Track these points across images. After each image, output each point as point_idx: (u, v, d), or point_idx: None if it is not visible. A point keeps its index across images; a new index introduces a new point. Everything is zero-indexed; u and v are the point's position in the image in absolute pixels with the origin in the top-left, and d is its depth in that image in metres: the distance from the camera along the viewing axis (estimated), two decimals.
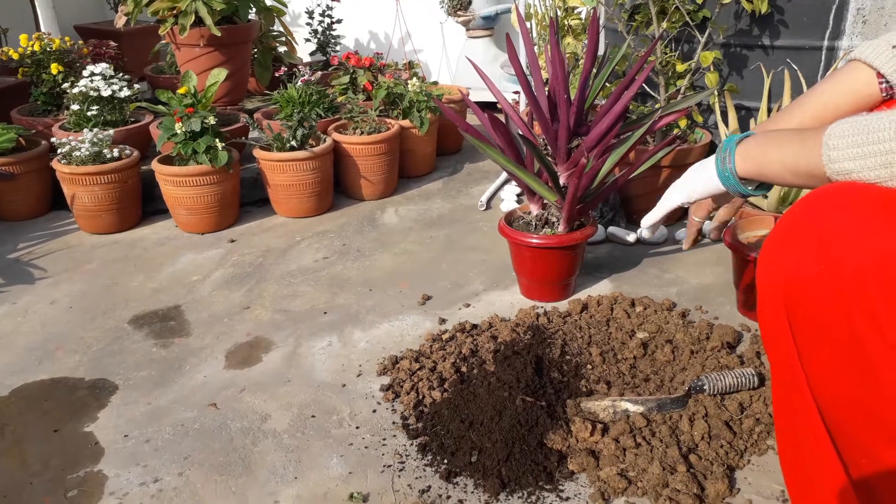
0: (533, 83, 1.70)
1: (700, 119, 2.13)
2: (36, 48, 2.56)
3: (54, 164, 2.14)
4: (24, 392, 1.48)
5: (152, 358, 1.58)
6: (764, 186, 1.03)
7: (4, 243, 2.14)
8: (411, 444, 1.29)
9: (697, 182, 1.10)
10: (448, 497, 1.17)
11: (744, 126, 2.12)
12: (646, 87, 2.15)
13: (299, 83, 2.46)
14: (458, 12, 3.27)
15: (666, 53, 2.04)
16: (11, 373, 1.54)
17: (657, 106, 2.06)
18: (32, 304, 1.82)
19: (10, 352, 1.61)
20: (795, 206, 0.83)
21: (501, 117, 2.66)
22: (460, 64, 3.40)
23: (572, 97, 1.65)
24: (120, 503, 1.19)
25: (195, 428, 1.35)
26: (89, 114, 2.33)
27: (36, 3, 3.30)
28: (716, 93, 2.07)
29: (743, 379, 1.35)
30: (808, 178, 0.87)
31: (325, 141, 2.28)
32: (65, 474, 1.25)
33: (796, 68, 2.02)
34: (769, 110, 2.03)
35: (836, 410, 0.83)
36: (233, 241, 2.14)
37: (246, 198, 2.33)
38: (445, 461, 1.25)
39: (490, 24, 3.32)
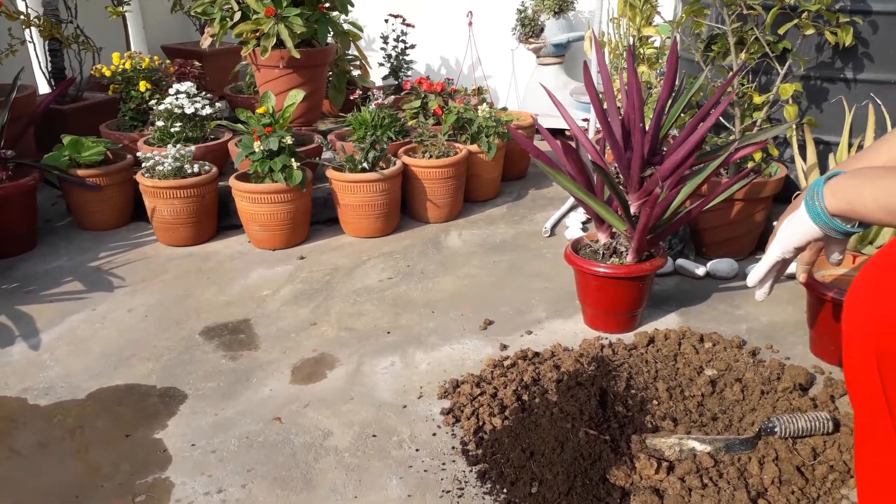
0: (607, 110, 1.69)
1: (776, 152, 2.07)
2: (127, 66, 2.70)
3: (138, 177, 2.24)
4: (100, 396, 1.54)
5: (221, 369, 1.62)
6: (865, 224, 0.99)
7: (87, 251, 2.25)
8: (470, 471, 1.29)
9: (791, 230, 1.07)
10: None
11: (822, 161, 2.05)
12: (720, 118, 2.11)
13: (372, 106, 2.51)
14: (530, 40, 3.29)
15: (743, 84, 2.00)
16: (89, 377, 1.61)
17: (732, 138, 2.02)
18: (110, 311, 1.89)
19: (88, 356, 1.69)
20: (887, 247, 0.80)
21: (571, 144, 2.66)
22: (529, 90, 3.42)
23: (647, 126, 1.63)
24: None
25: (259, 441, 1.38)
26: (173, 130, 2.43)
27: (128, 24, 3.48)
28: (794, 126, 2.02)
29: (817, 423, 1.30)
30: None
31: (395, 163, 2.32)
32: (134, 479, 1.30)
33: (880, 103, 1.95)
34: (850, 146, 1.96)
35: None
36: (302, 258, 2.19)
37: (316, 216, 2.39)
38: (505, 490, 1.24)
39: (561, 51, 3.33)
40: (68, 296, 1.97)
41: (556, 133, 3.19)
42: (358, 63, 3.21)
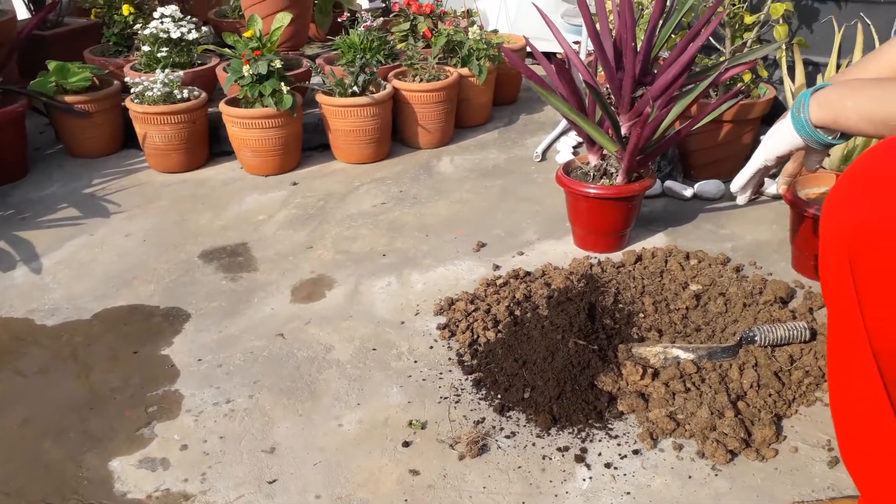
0: (600, 30, 1.69)
1: (765, 74, 2.08)
2: None
3: (127, 102, 2.23)
4: (105, 316, 1.58)
5: (222, 290, 1.67)
6: (847, 136, 1.02)
7: (80, 178, 2.25)
8: (466, 380, 1.36)
9: (776, 138, 1.10)
10: (501, 429, 1.24)
11: (811, 82, 2.07)
12: (711, 39, 2.11)
13: (361, 29, 2.48)
14: None
15: (734, 5, 1.99)
16: (93, 298, 1.65)
17: (722, 59, 2.02)
18: (108, 236, 1.92)
19: (91, 279, 1.72)
20: (864, 155, 0.84)
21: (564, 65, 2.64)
22: (519, 13, 3.37)
23: (638, 46, 1.64)
24: (196, 420, 1.28)
25: (264, 355, 1.44)
26: (159, 55, 2.40)
27: None
28: (784, 46, 2.03)
29: (794, 332, 1.37)
30: (883, 127, 0.87)
31: (385, 87, 2.31)
32: (144, 391, 1.36)
33: (869, 23, 1.96)
34: (838, 66, 1.98)
35: (894, 361, 0.84)
36: (295, 183, 2.21)
37: (307, 142, 2.39)
38: (499, 396, 1.31)
39: None
40: (65, 221, 1.99)
41: (548, 56, 3.17)
42: None
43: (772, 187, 2.01)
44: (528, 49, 2.70)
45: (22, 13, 3.03)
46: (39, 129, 2.60)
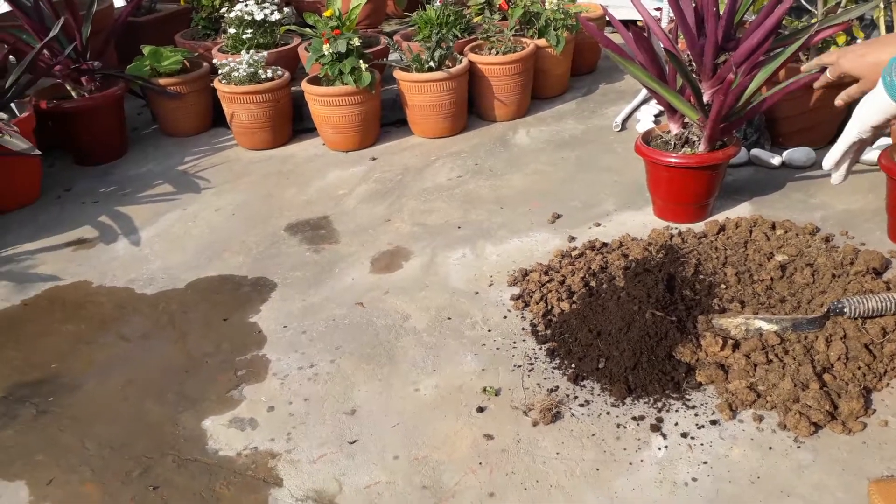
0: None
1: (861, 35, 1.97)
2: None
3: (215, 83, 2.32)
4: (198, 286, 1.68)
5: (306, 261, 1.73)
6: None
7: (173, 156, 2.37)
8: (540, 349, 1.37)
9: (868, 107, 1.05)
10: (575, 397, 1.24)
11: None
12: (802, 0, 2.01)
13: (437, 4, 2.49)
14: None
15: None
16: (187, 269, 1.75)
17: (813, 21, 1.92)
18: (200, 210, 2.02)
19: (184, 251, 1.82)
20: None
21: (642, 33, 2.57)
22: None
23: (721, 11, 1.59)
24: (282, 383, 1.35)
25: (345, 323, 1.49)
26: (244, 37, 2.48)
27: None
28: (882, 5, 1.90)
29: (888, 303, 1.30)
30: None
31: (461, 61, 2.32)
32: (234, 356, 1.43)
33: None
34: None
35: None
36: (374, 158, 2.26)
37: (386, 118, 2.43)
38: (573, 365, 1.31)
39: None
40: (160, 197, 2.11)
41: (627, 24, 3.08)
42: None
43: (868, 154, 1.90)
44: (607, 17, 2.65)
45: (118, 1, 3.19)
46: (137, 111, 2.75)
